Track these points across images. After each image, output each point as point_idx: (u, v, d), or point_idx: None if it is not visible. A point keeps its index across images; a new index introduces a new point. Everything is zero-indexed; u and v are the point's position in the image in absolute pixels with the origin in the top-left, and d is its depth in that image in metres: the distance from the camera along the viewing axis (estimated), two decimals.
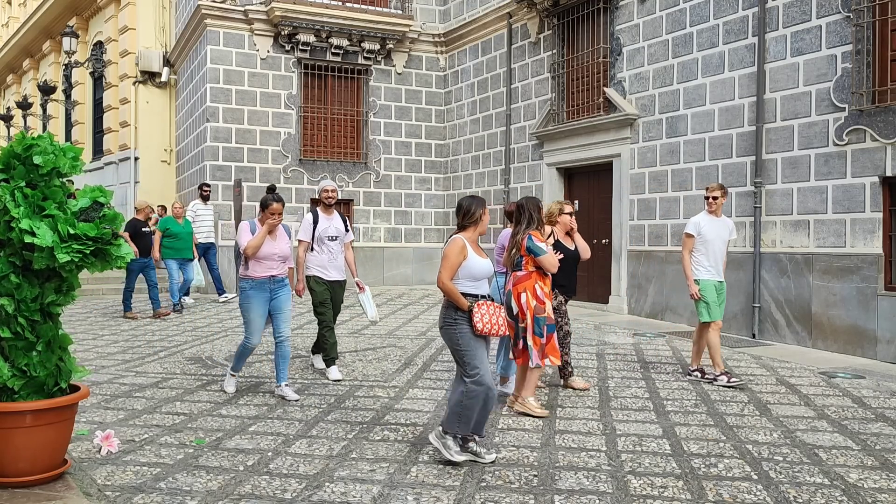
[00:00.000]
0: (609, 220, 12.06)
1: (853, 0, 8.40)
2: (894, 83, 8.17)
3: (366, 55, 15.73)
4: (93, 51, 21.03)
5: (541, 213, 5.82)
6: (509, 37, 14.39)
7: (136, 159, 18.49)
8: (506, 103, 14.41)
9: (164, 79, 18.19)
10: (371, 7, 15.57)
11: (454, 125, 16.36)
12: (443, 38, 16.38)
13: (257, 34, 14.96)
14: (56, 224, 3.90)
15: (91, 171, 20.43)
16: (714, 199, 6.99)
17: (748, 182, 9.59)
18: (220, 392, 6.36)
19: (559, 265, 5.81)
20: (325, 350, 7.00)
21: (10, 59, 27.66)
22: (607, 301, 12.06)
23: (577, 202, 12.12)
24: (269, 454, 4.68)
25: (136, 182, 18.48)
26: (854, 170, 8.44)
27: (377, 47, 15.68)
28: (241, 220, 13.74)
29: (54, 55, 23.85)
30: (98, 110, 21.13)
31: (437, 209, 16.70)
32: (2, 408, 3.91)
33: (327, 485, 4.15)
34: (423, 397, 6.26)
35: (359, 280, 7.28)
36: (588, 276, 12.13)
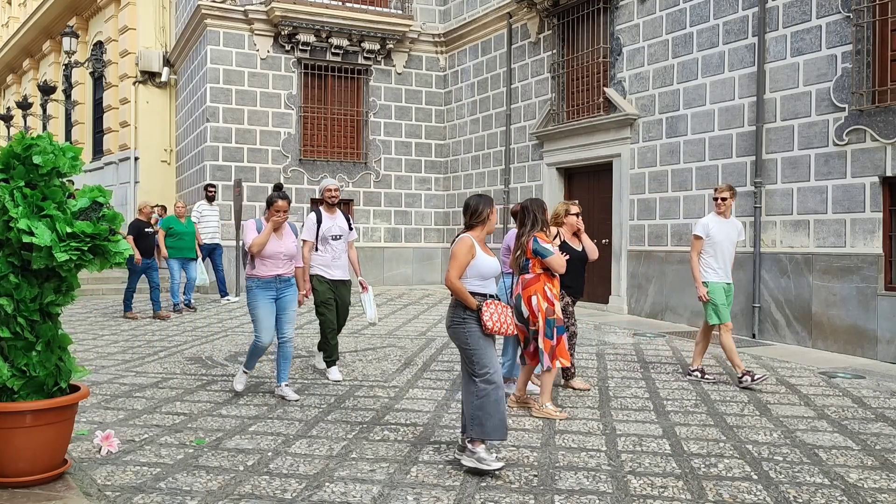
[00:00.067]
0: (609, 220, 12.06)
1: (853, 0, 8.40)
2: (894, 83, 8.17)
3: (366, 55, 15.73)
4: (93, 51, 21.03)
5: (545, 214, 5.79)
6: (509, 37, 14.39)
7: (136, 159, 18.49)
8: (506, 103, 14.41)
9: (164, 79, 18.19)
10: (371, 7, 15.57)
11: (454, 125, 16.36)
12: (443, 38, 16.38)
13: (257, 34, 14.96)
14: (54, 224, 3.90)
15: (91, 171, 20.44)
16: (723, 200, 6.93)
17: (748, 182, 9.59)
18: (221, 392, 6.37)
19: (566, 266, 5.79)
20: (327, 351, 7.00)
21: (10, 59, 27.67)
22: (607, 301, 12.06)
23: (576, 202, 12.07)
24: (269, 454, 4.68)
25: (136, 182, 18.48)
26: (854, 170, 8.44)
27: (377, 47, 15.68)
28: (241, 220, 13.79)
29: (54, 55, 23.85)
30: (98, 110, 21.13)
31: (437, 209, 16.70)
32: (2, 408, 3.91)
33: (327, 485, 4.15)
34: (423, 397, 6.26)
35: (362, 279, 7.27)
36: (588, 276, 11.98)
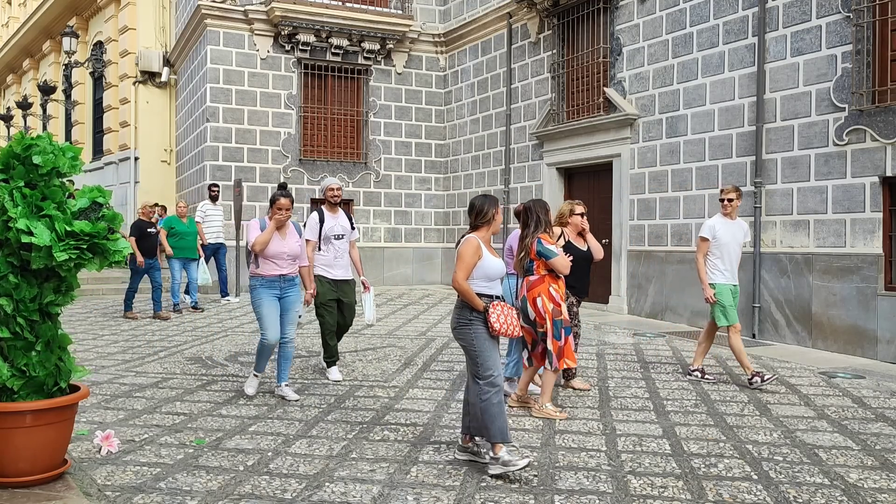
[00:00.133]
0: (609, 220, 12.06)
1: (853, 0, 8.40)
2: (894, 83, 8.17)
3: (366, 55, 15.74)
4: (93, 51, 21.04)
5: (548, 215, 5.76)
6: (509, 37, 14.39)
7: (136, 159, 18.50)
8: (506, 103, 14.41)
9: (164, 79, 18.20)
10: (371, 7, 15.57)
11: (454, 125, 16.36)
12: (443, 38, 16.38)
13: (257, 34, 14.96)
14: (54, 223, 3.89)
15: (91, 171, 20.45)
16: (729, 201, 6.89)
17: (748, 182, 9.59)
18: (221, 392, 6.36)
19: (571, 266, 5.77)
20: (327, 352, 6.99)
21: (10, 59, 27.68)
22: (607, 301, 12.06)
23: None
24: (269, 454, 4.68)
25: (136, 182, 18.48)
26: (854, 170, 8.44)
27: (377, 47, 15.69)
28: (241, 221, 13.79)
29: (54, 55, 23.85)
30: (98, 110, 21.14)
31: (437, 209, 16.70)
32: (2, 408, 3.91)
33: (327, 485, 4.15)
34: (423, 397, 6.26)
35: (365, 279, 7.25)
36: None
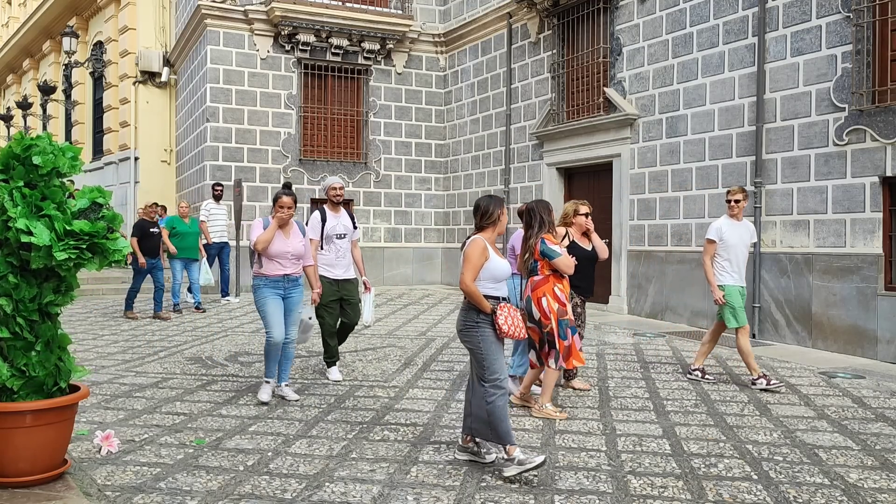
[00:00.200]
0: (609, 220, 12.06)
1: (853, 0, 8.40)
2: (894, 83, 8.17)
3: (366, 55, 15.74)
4: (93, 51, 21.04)
5: (551, 215, 5.74)
6: (509, 37, 14.39)
7: (136, 159, 18.50)
8: (506, 103, 14.41)
9: (164, 79, 18.20)
10: (371, 7, 15.57)
11: (454, 125, 16.36)
12: (443, 38, 16.38)
13: (257, 34, 14.96)
14: (53, 223, 3.89)
15: (91, 171, 20.45)
16: (736, 202, 6.86)
17: (748, 182, 9.58)
18: (221, 392, 6.36)
19: (575, 266, 5.74)
20: (327, 352, 6.99)
21: (10, 59, 27.68)
22: (607, 301, 12.06)
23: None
24: (269, 454, 4.68)
25: (136, 182, 18.48)
26: (854, 170, 8.44)
27: (377, 47, 15.68)
28: (241, 221, 13.79)
29: (54, 55, 23.86)
30: (98, 110, 21.14)
31: (437, 209, 16.70)
32: (2, 408, 3.91)
33: (327, 485, 4.15)
34: (423, 397, 6.26)
35: (366, 279, 7.24)
36: None
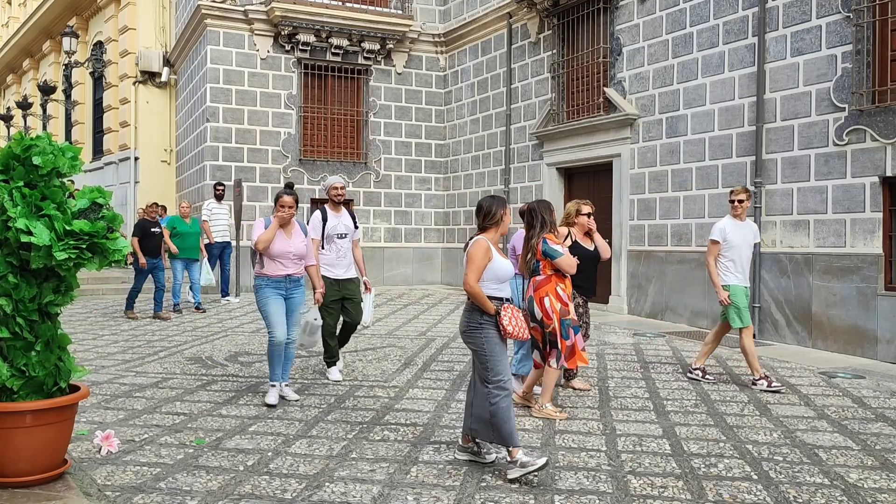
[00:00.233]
0: (609, 220, 12.05)
1: (853, 0, 8.40)
2: (894, 83, 8.17)
3: (366, 55, 15.73)
4: (93, 51, 21.04)
5: (552, 215, 5.73)
6: (509, 37, 14.39)
7: (136, 159, 18.50)
8: (506, 103, 14.41)
9: (164, 79, 18.20)
10: (371, 7, 15.57)
11: (454, 125, 16.36)
12: (443, 38, 16.38)
13: (257, 34, 14.96)
14: (53, 223, 3.89)
15: (91, 171, 20.46)
16: (739, 202, 6.85)
17: (748, 182, 9.58)
18: (221, 392, 6.36)
19: (578, 266, 5.73)
20: (327, 352, 6.99)
21: (10, 59, 27.68)
22: (607, 301, 12.05)
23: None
24: (269, 454, 4.68)
25: (136, 182, 18.49)
26: (854, 170, 8.44)
27: (377, 47, 15.68)
28: (241, 221, 13.78)
29: (54, 55, 23.86)
30: (98, 110, 21.14)
31: (437, 209, 16.70)
32: (2, 408, 3.91)
33: (327, 485, 4.15)
34: (423, 397, 6.26)
35: (367, 280, 7.23)
36: None
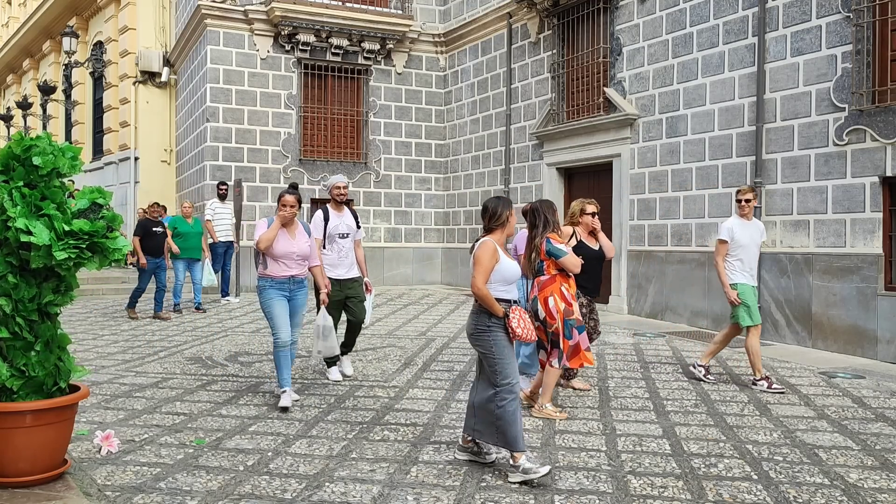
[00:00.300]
0: (609, 220, 12.05)
1: (853, 0, 8.40)
2: (894, 83, 8.17)
3: (366, 55, 15.74)
4: (93, 51, 21.04)
5: (555, 215, 5.72)
6: (509, 37, 14.39)
7: (136, 159, 18.51)
8: (506, 103, 14.41)
9: (164, 79, 18.20)
10: (371, 7, 15.57)
11: (454, 125, 16.36)
12: (443, 38, 16.38)
13: (257, 34, 14.96)
14: (53, 223, 3.89)
15: (91, 171, 20.46)
16: (747, 201, 6.85)
17: (748, 182, 9.58)
18: (221, 392, 6.37)
19: (582, 265, 5.72)
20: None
21: (10, 59, 27.68)
22: (607, 301, 12.05)
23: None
24: (269, 454, 4.68)
25: (136, 182, 18.49)
26: (854, 170, 8.44)
27: (377, 47, 15.68)
28: (241, 221, 13.78)
29: (54, 55, 23.86)
30: (98, 110, 21.15)
31: (437, 209, 16.70)
32: (2, 408, 3.90)
33: (327, 485, 4.15)
34: (423, 397, 6.26)
35: (368, 281, 7.18)
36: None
